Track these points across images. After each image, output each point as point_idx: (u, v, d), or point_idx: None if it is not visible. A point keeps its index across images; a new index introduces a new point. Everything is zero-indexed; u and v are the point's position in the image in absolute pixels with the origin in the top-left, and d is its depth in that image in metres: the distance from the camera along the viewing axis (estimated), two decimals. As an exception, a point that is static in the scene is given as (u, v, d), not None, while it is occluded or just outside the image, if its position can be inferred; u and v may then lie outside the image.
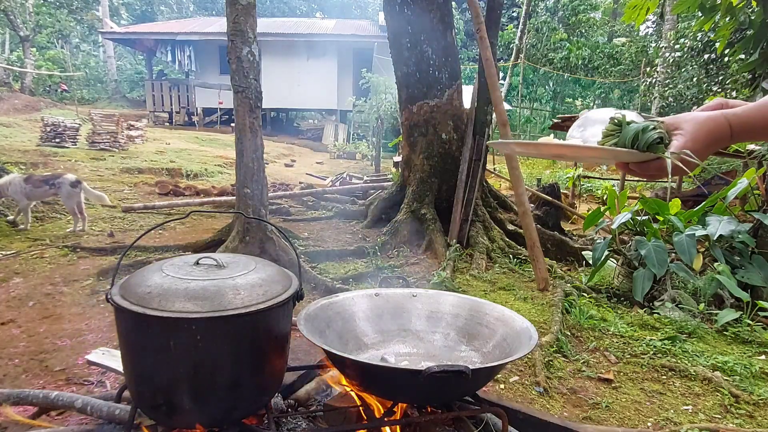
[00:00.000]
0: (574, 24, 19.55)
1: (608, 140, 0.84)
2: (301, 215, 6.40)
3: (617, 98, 18.05)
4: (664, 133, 0.77)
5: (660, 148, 0.76)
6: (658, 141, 0.77)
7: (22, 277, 3.70)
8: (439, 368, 1.02)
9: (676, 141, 0.76)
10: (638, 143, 0.78)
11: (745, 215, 4.50)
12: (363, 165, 13.10)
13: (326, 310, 1.44)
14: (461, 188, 4.77)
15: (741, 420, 2.21)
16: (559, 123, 10.71)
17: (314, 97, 17.19)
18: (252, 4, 3.78)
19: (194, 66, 17.60)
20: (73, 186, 5.02)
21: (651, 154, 0.77)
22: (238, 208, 3.98)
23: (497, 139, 1.34)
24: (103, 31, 19.59)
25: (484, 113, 4.93)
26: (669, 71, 12.61)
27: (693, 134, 0.76)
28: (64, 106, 16.76)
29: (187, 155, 10.95)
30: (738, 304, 3.30)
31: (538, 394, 2.33)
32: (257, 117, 3.86)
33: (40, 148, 9.40)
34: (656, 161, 0.77)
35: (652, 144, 0.77)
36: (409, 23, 4.93)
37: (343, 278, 3.85)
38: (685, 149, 0.74)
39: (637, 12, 4.76)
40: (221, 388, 1.08)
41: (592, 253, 3.86)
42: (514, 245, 4.73)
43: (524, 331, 1.31)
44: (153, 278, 1.08)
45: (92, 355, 1.82)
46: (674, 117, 0.80)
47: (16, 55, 21.74)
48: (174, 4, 29.46)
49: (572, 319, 3.19)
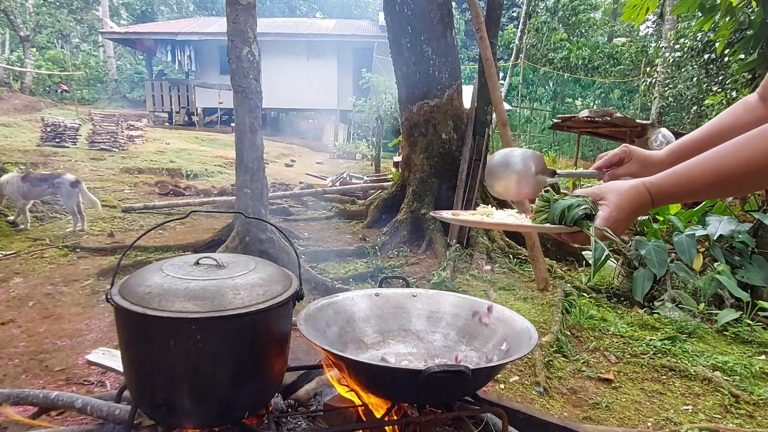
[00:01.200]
0: (574, 24, 19.55)
1: (539, 215, 0.94)
2: (301, 215, 6.40)
3: (617, 98, 18.06)
4: (589, 208, 0.85)
5: (585, 223, 0.84)
6: (584, 216, 0.85)
7: (22, 277, 3.70)
8: (439, 368, 1.02)
9: (601, 212, 0.83)
10: (565, 219, 0.87)
11: (745, 215, 4.51)
12: (363, 165, 13.10)
13: (326, 310, 1.44)
14: (461, 188, 4.77)
15: (741, 420, 2.21)
16: (559, 123, 10.73)
17: (314, 97, 17.18)
18: (252, 4, 3.78)
19: (194, 66, 17.61)
20: (73, 186, 5.01)
21: (577, 228, 0.86)
22: (238, 208, 3.98)
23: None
24: (103, 31, 19.60)
25: (484, 113, 4.93)
26: (669, 71, 12.62)
27: (617, 204, 0.82)
28: (64, 106, 16.77)
29: (187, 155, 10.95)
30: (738, 304, 3.30)
31: (538, 394, 2.33)
32: (257, 117, 3.86)
33: (40, 148, 9.40)
34: (582, 233, 0.86)
35: (578, 219, 0.85)
36: (409, 23, 4.93)
37: (343, 278, 3.85)
38: (610, 218, 0.81)
39: (637, 12, 4.75)
40: (221, 388, 1.08)
41: (592, 253, 3.84)
42: (514, 245, 4.73)
43: (524, 331, 1.31)
44: (153, 278, 1.08)
45: (92, 355, 1.82)
46: (599, 188, 0.87)
47: (16, 55, 21.76)
48: (174, 4, 29.46)
49: (572, 319, 3.19)
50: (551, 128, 12.48)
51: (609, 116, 8.92)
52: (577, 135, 12.27)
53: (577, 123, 9.97)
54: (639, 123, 8.91)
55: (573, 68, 17.94)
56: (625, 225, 0.83)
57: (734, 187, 0.80)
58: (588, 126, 10.02)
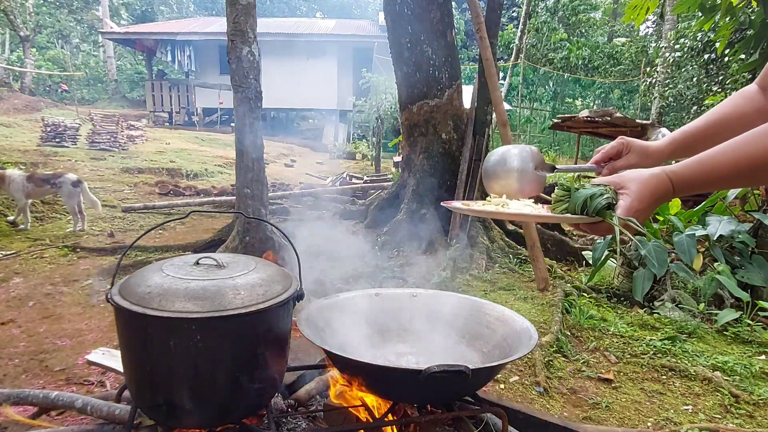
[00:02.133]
0: (574, 24, 19.54)
1: (558, 205, 0.91)
2: (301, 215, 6.40)
3: (617, 98, 18.05)
4: (611, 197, 0.83)
5: (608, 213, 0.82)
6: (606, 206, 0.83)
7: (22, 277, 3.70)
8: (439, 368, 1.02)
9: (623, 201, 0.82)
10: (587, 209, 0.85)
11: (745, 215, 4.50)
12: (363, 165, 13.10)
13: (326, 310, 1.44)
14: (461, 188, 4.77)
15: (741, 420, 2.21)
16: (559, 123, 10.72)
17: (314, 97, 17.18)
18: (252, 4, 3.78)
19: (194, 66, 17.60)
20: (75, 186, 5.03)
21: (599, 218, 0.84)
22: (238, 208, 3.98)
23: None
24: (103, 31, 19.59)
25: (484, 113, 4.93)
26: (669, 71, 12.61)
27: (638, 193, 0.81)
28: (64, 106, 16.77)
29: (187, 155, 10.95)
30: (738, 304, 3.30)
31: (538, 394, 2.33)
32: (257, 117, 3.86)
33: (41, 148, 9.40)
34: (604, 224, 0.84)
35: (601, 209, 0.83)
36: (409, 23, 4.93)
37: (343, 278, 3.84)
38: (632, 208, 0.80)
39: (637, 12, 4.76)
40: (221, 388, 1.08)
41: (592, 253, 3.86)
42: (514, 245, 4.72)
43: (524, 331, 1.31)
44: (153, 278, 1.08)
45: (92, 355, 1.82)
46: (620, 176, 0.86)
47: (16, 55, 21.75)
48: (174, 4, 29.45)
49: (572, 319, 3.19)
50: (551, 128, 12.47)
51: (609, 116, 8.92)
52: (577, 135, 12.26)
53: (577, 123, 9.97)
54: (639, 123, 8.91)
55: (573, 68, 17.93)
56: (646, 214, 0.82)
57: (759, 174, 0.79)
58: (588, 126, 10.01)
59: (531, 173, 1.02)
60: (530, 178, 1.02)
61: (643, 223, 0.83)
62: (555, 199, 0.93)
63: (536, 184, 1.03)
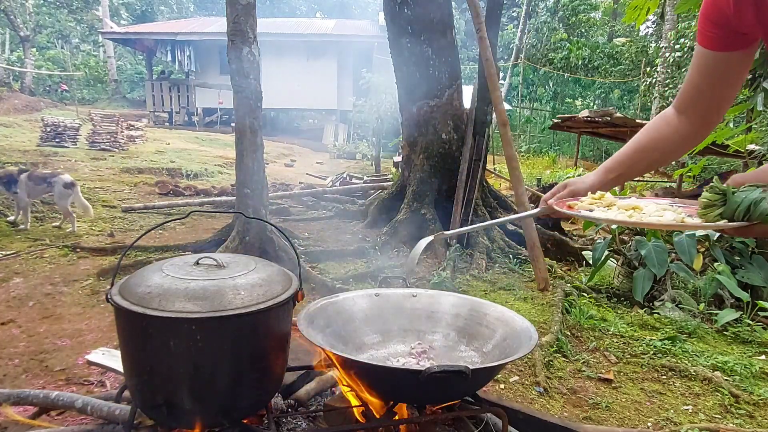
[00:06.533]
0: (574, 24, 19.56)
1: (711, 211, 0.82)
2: (301, 215, 6.40)
3: (617, 98, 18.07)
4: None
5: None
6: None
7: (22, 277, 3.70)
8: (439, 368, 1.02)
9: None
10: (750, 215, 0.77)
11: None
12: (363, 165, 13.10)
13: (326, 310, 1.44)
14: (461, 188, 4.77)
15: (741, 420, 2.21)
16: (559, 123, 10.73)
17: (314, 97, 17.18)
18: (252, 4, 3.78)
19: (194, 66, 17.59)
20: (66, 187, 5.01)
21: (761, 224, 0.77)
22: (238, 208, 3.98)
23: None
24: (103, 31, 19.59)
25: (484, 113, 4.93)
26: (669, 71, 12.62)
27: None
28: (64, 106, 16.78)
29: (187, 155, 10.95)
30: (738, 304, 3.30)
31: (538, 394, 2.33)
32: (257, 117, 3.86)
33: (40, 148, 9.40)
34: (758, 227, 0.78)
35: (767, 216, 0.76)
36: (409, 23, 4.93)
37: (343, 278, 3.84)
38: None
39: (638, 12, 4.75)
40: (221, 388, 1.08)
41: (592, 253, 3.86)
42: (514, 245, 4.72)
43: (524, 331, 1.31)
44: (153, 278, 1.08)
45: (92, 355, 1.82)
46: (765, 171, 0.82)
47: (16, 55, 21.76)
48: (174, 4, 29.44)
49: (572, 319, 3.19)
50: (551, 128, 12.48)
51: (609, 116, 8.92)
52: (577, 135, 12.28)
53: (577, 123, 9.98)
54: (639, 123, 8.91)
55: (573, 68, 17.94)
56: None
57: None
58: (588, 126, 10.02)
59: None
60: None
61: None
62: (705, 204, 0.83)
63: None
